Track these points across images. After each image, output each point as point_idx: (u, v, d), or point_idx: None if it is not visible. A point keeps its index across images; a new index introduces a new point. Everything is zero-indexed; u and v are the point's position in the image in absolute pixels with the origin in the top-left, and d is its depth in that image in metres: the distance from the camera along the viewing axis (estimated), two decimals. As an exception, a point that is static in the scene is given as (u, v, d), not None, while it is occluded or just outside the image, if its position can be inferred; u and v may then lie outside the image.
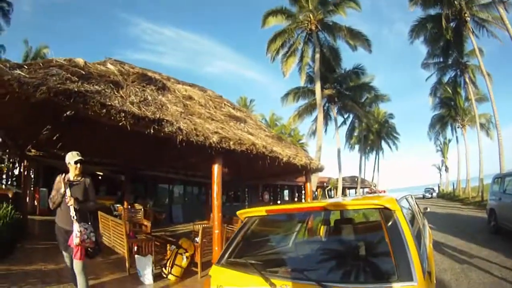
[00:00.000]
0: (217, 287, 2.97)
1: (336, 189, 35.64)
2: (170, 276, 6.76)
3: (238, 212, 3.52)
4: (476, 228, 12.62)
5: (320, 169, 13.11)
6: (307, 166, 11.01)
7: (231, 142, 7.60)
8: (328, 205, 2.96)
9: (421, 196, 53.24)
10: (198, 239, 7.47)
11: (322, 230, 4.54)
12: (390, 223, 2.53)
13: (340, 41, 26.85)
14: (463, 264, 7.40)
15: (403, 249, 2.31)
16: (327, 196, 40.13)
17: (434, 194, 52.72)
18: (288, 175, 15.03)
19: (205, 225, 7.87)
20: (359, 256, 2.91)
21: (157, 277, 6.70)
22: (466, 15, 24.22)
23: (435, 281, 3.67)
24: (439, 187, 60.64)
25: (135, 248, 7.33)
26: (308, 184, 12.94)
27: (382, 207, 2.63)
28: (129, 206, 10.54)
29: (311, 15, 24.69)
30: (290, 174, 14.40)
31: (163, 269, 6.92)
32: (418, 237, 3.15)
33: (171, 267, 6.81)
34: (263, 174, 13.69)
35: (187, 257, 6.97)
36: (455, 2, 23.25)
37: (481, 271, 6.61)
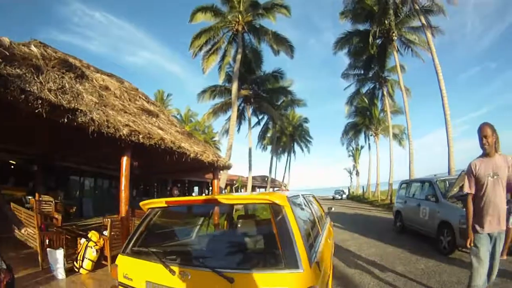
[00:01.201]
0: (123, 275, 3.11)
1: (245, 187, 36.17)
2: (81, 270, 6.78)
3: (141, 203, 3.62)
4: (383, 228, 13.42)
5: (227, 167, 13.55)
6: (214, 163, 11.40)
7: (141, 136, 7.77)
8: (221, 198, 3.11)
9: (332, 197, 55.23)
10: (106, 232, 7.45)
11: (225, 224, 4.87)
12: (279, 217, 2.82)
13: (264, 44, 27.29)
14: (368, 259, 7.89)
15: (289, 240, 2.61)
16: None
17: (344, 196, 54.69)
18: (196, 172, 15.20)
19: (114, 218, 7.75)
20: (253, 247, 3.38)
21: (69, 271, 6.68)
22: (394, 34, 25.44)
23: (330, 275, 4.43)
24: (349, 189, 63.60)
25: (47, 241, 7.08)
26: (215, 181, 13.30)
27: (271, 202, 2.92)
28: (40, 198, 9.98)
29: (240, 16, 24.85)
30: (199, 171, 14.60)
31: (75, 262, 6.89)
32: (309, 231, 3.52)
33: (82, 261, 6.82)
34: (172, 169, 13.87)
35: (96, 250, 6.97)
36: (386, 21, 24.10)
37: (385, 267, 7.08)
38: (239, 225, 4.27)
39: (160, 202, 3.41)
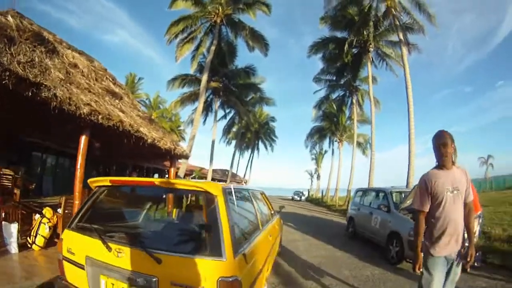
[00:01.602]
0: (67, 250, 3.23)
1: (205, 179, 35.83)
2: (34, 246, 6.74)
3: (88, 181, 3.76)
4: (336, 232, 13.58)
5: (185, 156, 13.63)
6: (171, 151, 11.44)
7: (100, 116, 7.74)
8: (160, 182, 3.25)
9: (291, 198, 55.62)
10: (60, 210, 7.48)
11: (168, 209, 4.89)
12: (210, 206, 2.99)
13: (240, 40, 27.15)
14: (315, 261, 7.96)
15: (216, 229, 2.78)
16: None
17: (303, 198, 54.92)
18: (155, 158, 15.15)
19: (68, 197, 7.72)
20: (186, 232, 3.46)
21: (23, 246, 6.66)
22: (370, 46, 25.73)
23: (267, 271, 4.45)
24: (309, 191, 64.20)
25: (3, 214, 7.01)
26: (172, 169, 13.27)
27: (205, 191, 3.05)
28: (1, 172, 9.73)
29: (220, 8, 24.64)
30: (157, 157, 14.62)
31: (28, 238, 6.85)
32: (244, 224, 3.78)
33: (35, 237, 6.77)
34: (131, 154, 13.80)
35: (49, 227, 6.97)
36: (364, 32, 24.38)
37: (331, 270, 7.16)
38: (179, 211, 4.41)
39: (105, 181, 3.53)
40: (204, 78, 23.89)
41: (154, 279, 2.63)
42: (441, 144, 3.35)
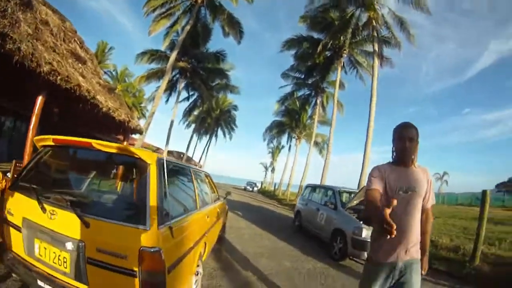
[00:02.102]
0: (7, 210, 3.18)
1: None
2: None
3: (34, 139, 3.63)
4: (283, 225, 13.76)
5: (139, 131, 13.58)
6: (125, 123, 11.39)
7: (59, 77, 7.63)
8: (97, 143, 3.15)
9: (243, 188, 56.22)
10: (9, 174, 7.10)
11: (108, 176, 4.59)
12: (142, 174, 2.96)
13: (217, 23, 26.77)
14: (257, 250, 8.04)
15: (144, 198, 2.78)
16: None
17: (256, 189, 55.48)
18: (110, 130, 14.84)
19: (18, 161, 7.49)
20: (119, 199, 3.52)
21: None
22: (344, 51, 25.85)
23: (204, 253, 4.51)
24: (262, 183, 64.79)
25: None
26: (125, 142, 13.07)
27: (139, 157, 3.01)
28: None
29: None
30: (112, 129, 14.29)
31: None
32: (177, 199, 3.71)
33: None
34: (89, 124, 13.41)
35: None
36: (341, 38, 24.47)
37: (272, 260, 7.26)
38: (114, 176, 4.25)
39: (49, 139, 3.42)
40: (173, 56, 23.27)
41: (81, 244, 2.62)
42: (407, 136, 2.77)
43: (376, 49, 21.14)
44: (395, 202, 1.98)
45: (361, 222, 7.90)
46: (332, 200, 9.96)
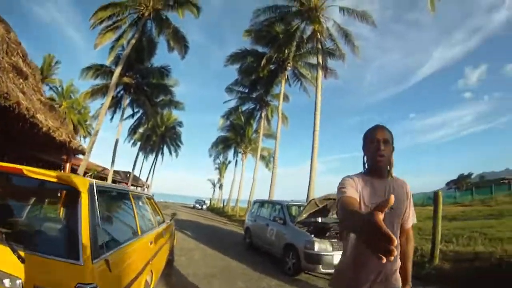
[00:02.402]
0: None
1: (99, 178, 34.08)
2: None
3: None
4: (234, 242, 13.55)
5: (81, 151, 13.18)
6: (66, 144, 10.80)
7: None
8: (26, 170, 2.87)
9: (192, 206, 55.53)
10: None
11: (43, 205, 4.17)
12: (74, 204, 2.69)
13: (162, 37, 26.52)
14: (209, 272, 7.74)
15: (76, 230, 2.55)
16: None
17: (205, 207, 54.97)
18: (52, 151, 14.24)
19: None
20: (52, 230, 3.13)
21: None
22: (289, 64, 26.11)
23: (147, 278, 4.03)
24: (211, 201, 64.31)
25: None
26: (68, 164, 12.58)
27: (69, 185, 2.77)
28: None
29: (151, 1, 23.97)
30: (54, 150, 13.72)
31: None
32: (113, 227, 3.47)
33: None
34: (29, 143, 12.79)
35: None
36: (286, 51, 24.56)
37: (225, 282, 7.00)
38: (48, 205, 3.97)
39: None
40: (117, 71, 22.68)
41: (18, 281, 2.35)
42: (382, 138, 2.21)
43: (320, 61, 21.55)
44: (392, 199, 1.26)
45: (312, 236, 7.81)
46: (281, 215, 9.84)
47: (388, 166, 2.30)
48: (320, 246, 7.54)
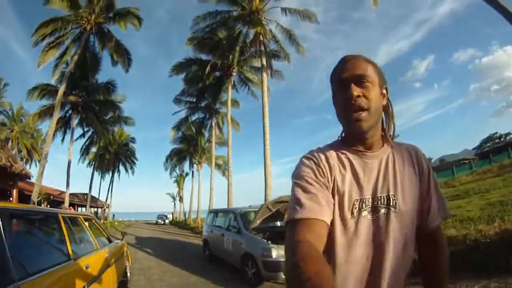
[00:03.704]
0: None
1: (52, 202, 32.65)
2: None
3: None
4: (194, 255, 13.21)
5: (26, 175, 12.64)
6: (6, 169, 10.15)
7: None
8: None
9: (155, 222, 55.51)
10: None
11: None
12: None
13: (106, 52, 25.99)
14: None
15: None
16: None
17: (167, 221, 54.66)
18: None
19: None
20: None
21: None
22: (234, 70, 25.81)
23: None
24: (172, 215, 63.64)
25: None
26: (14, 190, 11.97)
27: None
28: None
29: (93, 15, 23.35)
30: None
31: None
32: (34, 254, 3.19)
33: None
34: None
35: None
36: (230, 56, 24.29)
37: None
38: None
39: None
40: (61, 90, 21.85)
41: None
42: (355, 75, 1.24)
43: (264, 63, 21.41)
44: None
45: (269, 242, 7.65)
46: (235, 224, 9.62)
47: (380, 126, 1.33)
48: (278, 252, 7.32)
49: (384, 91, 1.31)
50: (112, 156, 48.18)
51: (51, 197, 35.11)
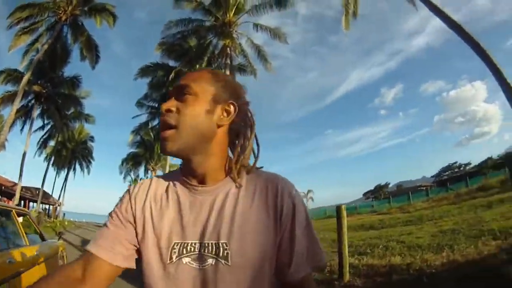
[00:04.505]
0: None
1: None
2: None
3: None
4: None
5: None
6: None
7: None
8: None
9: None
10: None
11: None
12: None
13: (77, 45, 25.95)
14: None
15: None
16: None
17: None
18: None
19: None
20: None
21: None
22: None
23: None
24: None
25: None
26: None
27: None
28: None
29: (70, 6, 23.40)
30: None
31: None
32: None
33: None
34: None
35: None
36: (197, 65, 23.69)
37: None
38: None
39: None
40: (26, 77, 21.78)
41: None
42: (175, 87, 1.07)
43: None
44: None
45: None
46: None
47: (222, 153, 1.08)
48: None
49: (231, 108, 1.06)
50: (69, 153, 46.87)
51: (2, 187, 33.80)
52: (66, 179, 52.06)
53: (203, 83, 1.03)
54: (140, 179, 51.54)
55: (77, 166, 52.19)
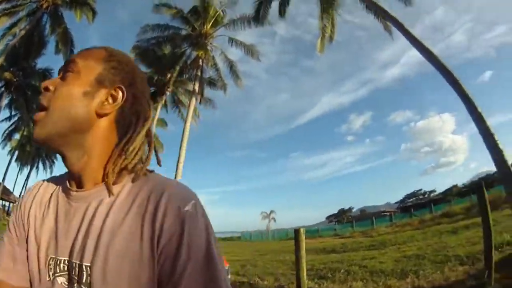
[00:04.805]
0: None
1: None
2: None
3: None
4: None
5: None
6: None
7: None
8: None
9: None
10: None
11: None
12: None
13: (53, 36, 25.14)
14: None
15: None
16: None
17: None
18: None
19: None
20: None
21: None
22: (168, 89, 24.54)
23: None
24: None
25: None
26: None
27: None
28: None
29: None
30: None
31: None
32: None
33: None
34: None
35: None
36: (168, 75, 23.65)
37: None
38: None
39: None
40: (-1, 61, 20.66)
41: None
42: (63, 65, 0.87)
43: (196, 88, 21.36)
44: None
45: None
46: None
47: (102, 150, 0.84)
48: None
49: (118, 94, 0.84)
50: (33, 149, 44.53)
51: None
52: (28, 177, 49.77)
53: (91, 61, 0.85)
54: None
55: (40, 165, 50.40)
